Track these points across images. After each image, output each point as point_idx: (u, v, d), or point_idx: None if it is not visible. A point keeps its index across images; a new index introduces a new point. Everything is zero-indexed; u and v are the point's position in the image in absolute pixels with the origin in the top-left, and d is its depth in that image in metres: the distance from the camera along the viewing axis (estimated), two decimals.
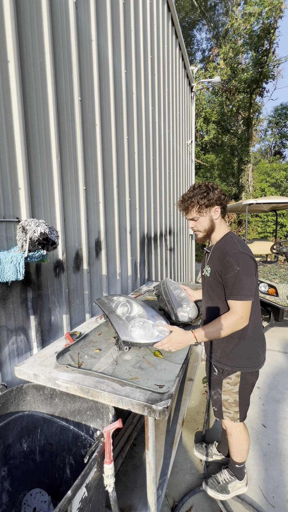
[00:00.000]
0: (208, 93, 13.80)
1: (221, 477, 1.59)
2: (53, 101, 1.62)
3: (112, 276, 2.47)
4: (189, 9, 15.28)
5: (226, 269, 1.30)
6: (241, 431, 1.50)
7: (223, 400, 1.47)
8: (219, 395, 1.48)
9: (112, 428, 0.97)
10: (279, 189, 12.68)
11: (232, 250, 1.31)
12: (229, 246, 1.34)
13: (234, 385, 1.41)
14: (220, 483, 1.56)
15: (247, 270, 1.27)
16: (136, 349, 1.48)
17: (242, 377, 1.40)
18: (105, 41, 2.27)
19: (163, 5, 3.92)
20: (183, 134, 5.49)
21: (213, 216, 1.42)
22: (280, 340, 3.68)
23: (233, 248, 1.31)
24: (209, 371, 1.54)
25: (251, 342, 1.38)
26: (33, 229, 1.23)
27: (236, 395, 1.42)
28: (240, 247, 1.32)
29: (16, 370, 1.30)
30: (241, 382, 1.40)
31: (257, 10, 10.76)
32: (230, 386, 1.42)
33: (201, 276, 1.59)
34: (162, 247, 4.00)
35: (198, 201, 1.37)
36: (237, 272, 1.26)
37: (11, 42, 1.31)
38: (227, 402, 1.46)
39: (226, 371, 1.42)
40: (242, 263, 1.27)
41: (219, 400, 1.48)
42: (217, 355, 1.45)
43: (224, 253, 1.33)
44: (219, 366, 1.45)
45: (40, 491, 1.30)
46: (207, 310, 1.50)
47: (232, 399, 1.44)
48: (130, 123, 2.80)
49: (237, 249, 1.30)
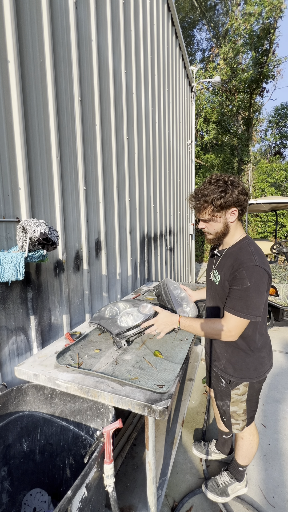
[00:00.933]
0: (208, 93, 13.80)
1: (220, 479, 1.57)
2: (53, 101, 1.62)
3: (112, 276, 2.47)
4: (189, 9, 15.28)
5: (235, 280, 1.18)
6: (253, 433, 1.47)
7: (231, 412, 1.40)
8: (227, 407, 1.41)
9: (112, 428, 0.97)
10: (279, 189, 12.67)
11: (248, 262, 1.15)
12: (245, 256, 1.18)
13: (242, 395, 1.36)
14: (219, 486, 1.55)
15: (259, 287, 1.14)
16: (136, 349, 1.48)
17: (250, 386, 1.35)
18: (105, 41, 2.27)
19: (163, 5, 3.92)
20: (183, 134, 5.49)
21: (229, 219, 1.24)
22: (280, 340, 3.68)
23: (250, 260, 1.16)
24: (216, 381, 1.45)
25: (259, 354, 1.31)
26: (33, 229, 1.23)
27: (244, 404, 1.37)
28: (258, 259, 1.16)
29: (16, 370, 1.30)
30: (249, 391, 1.35)
31: (257, 10, 10.75)
32: (238, 396, 1.37)
33: (207, 279, 1.50)
34: (162, 247, 4.00)
35: (213, 201, 1.18)
36: (246, 287, 1.13)
37: (11, 42, 1.31)
38: (236, 414, 1.40)
39: (233, 382, 1.36)
40: (255, 279, 1.13)
41: (228, 412, 1.42)
42: (221, 364, 1.39)
43: (238, 263, 1.18)
44: (226, 377, 1.38)
45: (40, 491, 1.30)
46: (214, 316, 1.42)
47: (241, 410, 1.38)
48: (130, 123, 2.80)
49: (253, 262, 1.14)
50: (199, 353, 2.84)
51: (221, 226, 1.25)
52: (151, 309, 1.62)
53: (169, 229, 4.44)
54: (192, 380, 2.34)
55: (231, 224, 1.26)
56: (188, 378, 2.37)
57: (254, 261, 1.15)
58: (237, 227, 1.29)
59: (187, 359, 1.44)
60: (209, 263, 1.52)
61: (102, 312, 1.73)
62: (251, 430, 1.47)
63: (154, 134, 3.59)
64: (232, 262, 1.21)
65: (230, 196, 1.18)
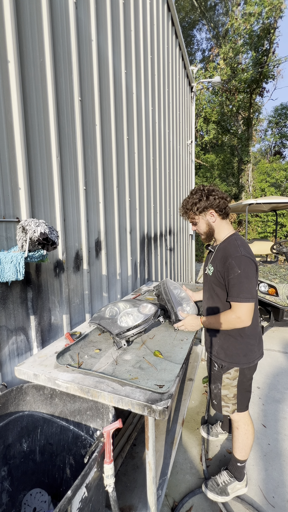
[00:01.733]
0: (208, 93, 13.80)
1: (220, 479, 1.59)
2: (53, 101, 1.62)
3: (112, 276, 2.47)
4: (189, 9, 15.28)
5: (228, 271, 1.35)
6: (247, 423, 1.53)
7: (222, 395, 1.52)
8: (219, 390, 1.53)
9: (112, 428, 0.97)
10: (279, 189, 12.68)
11: (235, 253, 1.35)
12: (233, 248, 1.38)
13: (233, 379, 1.47)
14: (219, 485, 1.56)
15: (248, 273, 1.32)
16: (136, 349, 1.48)
17: (240, 372, 1.46)
18: (105, 41, 2.27)
19: (163, 5, 3.92)
20: (183, 134, 5.49)
21: (210, 219, 1.48)
22: (280, 340, 3.68)
23: (236, 251, 1.35)
24: (210, 366, 1.61)
25: (248, 341, 1.43)
26: (33, 229, 1.23)
27: (234, 389, 1.48)
28: (243, 250, 1.36)
29: (16, 370, 1.30)
30: (239, 376, 1.46)
31: (257, 10, 10.75)
32: (229, 380, 1.48)
33: (204, 274, 1.65)
34: (162, 247, 4.00)
35: (191, 207, 1.48)
36: (237, 274, 1.32)
37: (11, 42, 1.31)
38: (226, 397, 1.51)
39: (225, 367, 1.48)
40: (243, 266, 1.31)
41: (219, 394, 1.53)
42: (214, 350, 1.52)
43: (227, 255, 1.38)
44: (218, 362, 1.51)
45: (40, 491, 1.30)
46: (207, 308, 1.57)
47: (232, 394, 1.49)
48: (130, 123, 2.80)
49: (239, 252, 1.34)
50: (199, 353, 2.84)
51: (205, 226, 1.50)
52: (151, 309, 1.63)
53: (169, 229, 4.44)
54: (192, 380, 2.34)
55: (214, 224, 1.49)
56: (188, 378, 2.37)
57: (240, 252, 1.35)
58: (223, 225, 1.50)
59: (187, 359, 1.44)
60: (206, 259, 1.70)
61: (102, 312, 1.73)
62: (246, 420, 1.53)
63: (154, 134, 3.59)
64: (222, 254, 1.42)
65: (204, 202, 1.45)
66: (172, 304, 1.76)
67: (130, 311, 1.64)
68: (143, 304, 1.69)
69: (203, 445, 1.92)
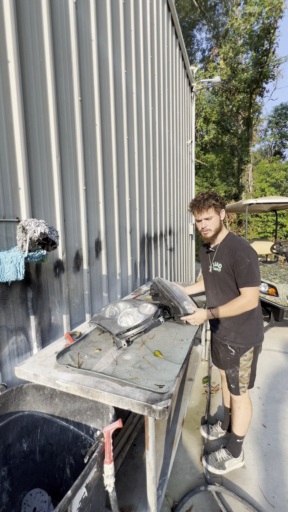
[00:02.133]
0: (208, 93, 13.80)
1: (219, 455, 1.77)
2: (53, 101, 1.62)
3: (112, 276, 2.47)
4: (189, 9, 15.28)
5: (238, 262, 1.53)
6: (248, 402, 1.72)
7: (239, 376, 1.66)
8: (237, 372, 1.67)
9: (112, 428, 0.97)
10: (279, 189, 12.68)
11: (241, 246, 1.55)
12: (237, 243, 1.59)
13: (248, 360, 1.65)
14: (218, 460, 1.75)
15: (255, 261, 1.53)
16: (136, 349, 1.48)
17: (254, 351, 1.64)
18: (105, 41, 2.27)
19: (163, 5, 3.92)
20: (183, 134, 5.49)
21: (221, 217, 1.65)
22: (280, 340, 3.68)
23: (241, 245, 1.56)
24: (226, 353, 1.71)
25: (258, 321, 1.65)
26: (33, 229, 1.23)
27: (249, 369, 1.66)
28: (246, 243, 1.58)
29: (16, 370, 1.30)
30: (253, 356, 1.65)
31: (257, 10, 10.75)
32: (245, 361, 1.65)
33: (207, 272, 1.79)
34: (162, 247, 4.00)
35: (214, 202, 1.58)
36: (248, 263, 1.50)
37: (11, 42, 1.31)
38: (242, 378, 1.66)
39: (242, 349, 1.64)
40: (251, 256, 1.52)
41: (237, 377, 1.67)
42: (231, 336, 1.66)
43: (234, 249, 1.56)
44: (235, 346, 1.65)
45: (40, 491, 1.30)
46: (220, 301, 1.70)
47: (247, 373, 1.66)
48: (130, 123, 2.80)
49: (244, 245, 1.56)
50: (199, 353, 2.84)
51: (218, 223, 1.64)
52: (151, 309, 1.63)
53: (169, 229, 4.44)
54: (192, 380, 2.34)
55: (222, 222, 1.67)
56: (188, 378, 2.37)
57: (244, 244, 1.57)
58: (223, 227, 1.70)
59: (187, 359, 1.44)
60: (203, 260, 1.85)
61: (102, 312, 1.73)
62: (247, 399, 1.72)
63: (154, 134, 3.59)
64: (229, 251, 1.59)
65: (221, 200, 1.63)
66: (178, 300, 1.81)
67: (130, 311, 1.64)
68: (143, 304, 1.70)
69: (203, 445, 1.92)
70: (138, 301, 1.81)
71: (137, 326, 1.51)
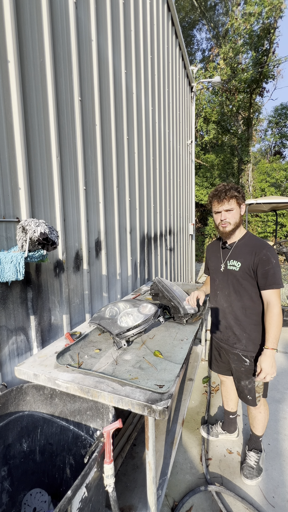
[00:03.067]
0: (208, 93, 13.79)
1: (251, 460, 1.70)
2: (53, 101, 1.62)
3: (112, 276, 2.47)
4: (189, 9, 15.27)
5: (264, 262, 1.43)
6: (266, 404, 1.68)
7: (256, 386, 1.58)
8: (253, 383, 1.57)
9: (112, 428, 0.97)
10: (279, 189, 12.67)
11: (266, 245, 1.46)
12: (260, 241, 1.50)
13: None
14: (254, 467, 1.68)
15: (278, 262, 1.46)
16: (136, 349, 1.48)
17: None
18: (105, 41, 2.27)
19: (163, 5, 3.92)
20: (183, 134, 5.49)
21: (242, 211, 1.55)
22: (280, 340, 3.68)
23: (266, 244, 1.47)
24: (239, 363, 1.60)
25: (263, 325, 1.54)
26: (33, 229, 1.23)
27: None
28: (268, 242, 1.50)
29: (16, 370, 1.30)
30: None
31: (257, 10, 10.74)
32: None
33: (217, 271, 1.67)
34: (162, 247, 4.00)
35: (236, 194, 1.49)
36: (274, 264, 1.42)
37: (11, 42, 1.31)
38: (258, 387, 1.58)
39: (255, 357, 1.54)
40: (275, 257, 1.45)
41: (253, 388, 1.58)
42: (242, 345, 1.57)
43: (258, 248, 1.47)
44: (248, 355, 1.55)
45: (40, 491, 1.30)
46: (231, 303, 1.59)
47: (261, 382, 1.57)
48: (130, 123, 2.80)
49: (268, 245, 1.47)
50: (199, 353, 2.84)
51: (238, 216, 1.53)
52: (151, 309, 1.63)
53: (169, 229, 4.44)
54: (192, 380, 2.34)
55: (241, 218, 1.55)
56: (188, 378, 2.37)
57: (267, 244, 1.47)
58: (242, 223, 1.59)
59: (187, 359, 1.44)
60: (212, 258, 1.73)
61: (102, 312, 1.73)
62: (266, 403, 1.67)
63: (154, 134, 3.59)
64: (251, 249, 1.49)
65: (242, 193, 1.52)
66: (178, 300, 1.80)
67: (130, 311, 1.64)
68: (143, 304, 1.70)
69: (203, 445, 1.92)
70: (138, 301, 1.81)
71: (137, 326, 1.51)
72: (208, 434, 1.99)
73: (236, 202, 1.50)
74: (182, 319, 1.79)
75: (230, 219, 1.51)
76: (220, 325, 1.67)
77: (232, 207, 1.50)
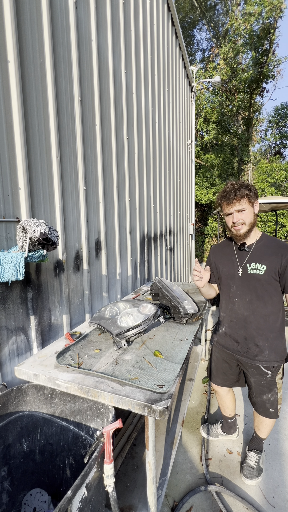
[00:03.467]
0: (208, 93, 13.79)
1: (251, 461, 1.68)
2: (53, 101, 1.62)
3: (112, 276, 2.47)
4: (189, 9, 15.27)
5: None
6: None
7: (278, 398, 1.51)
8: (276, 395, 1.50)
9: (112, 428, 0.97)
10: (279, 189, 12.67)
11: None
12: (282, 242, 1.41)
13: (281, 378, 1.50)
14: (255, 467, 1.66)
15: None
16: (136, 349, 1.48)
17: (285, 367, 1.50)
18: (105, 41, 2.27)
19: (163, 5, 3.92)
20: (183, 134, 5.49)
21: (255, 210, 1.42)
22: None
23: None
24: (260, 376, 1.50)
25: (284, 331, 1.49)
26: (33, 229, 1.23)
27: (281, 386, 1.52)
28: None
29: (16, 370, 1.30)
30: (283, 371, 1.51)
31: (257, 10, 10.75)
32: (280, 380, 1.50)
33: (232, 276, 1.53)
34: (162, 247, 4.00)
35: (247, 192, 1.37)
36: None
37: (11, 42, 1.31)
38: (279, 398, 1.52)
39: (277, 367, 1.47)
40: None
41: (276, 400, 1.50)
42: (265, 356, 1.46)
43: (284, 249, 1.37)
44: (270, 366, 1.46)
45: (40, 491, 1.30)
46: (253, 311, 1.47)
47: (281, 392, 1.52)
48: (130, 123, 2.80)
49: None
50: (199, 353, 2.84)
51: (253, 216, 1.41)
52: (151, 309, 1.63)
53: (169, 229, 4.44)
54: (192, 380, 2.34)
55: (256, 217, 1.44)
56: (188, 378, 2.37)
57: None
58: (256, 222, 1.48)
59: (187, 359, 1.44)
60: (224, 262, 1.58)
61: (102, 312, 1.73)
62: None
63: (154, 134, 3.59)
64: (275, 250, 1.39)
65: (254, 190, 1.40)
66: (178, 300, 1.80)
67: (130, 311, 1.64)
68: (143, 304, 1.70)
69: (203, 445, 1.92)
70: (138, 301, 1.81)
71: (137, 326, 1.51)
72: (208, 435, 1.99)
73: (248, 201, 1.37)
74: (182, 319, 1.79)
75: (244, 219, 1.39)
76: (236, 336, 1.54)
77: (244, 207, 1.37)
